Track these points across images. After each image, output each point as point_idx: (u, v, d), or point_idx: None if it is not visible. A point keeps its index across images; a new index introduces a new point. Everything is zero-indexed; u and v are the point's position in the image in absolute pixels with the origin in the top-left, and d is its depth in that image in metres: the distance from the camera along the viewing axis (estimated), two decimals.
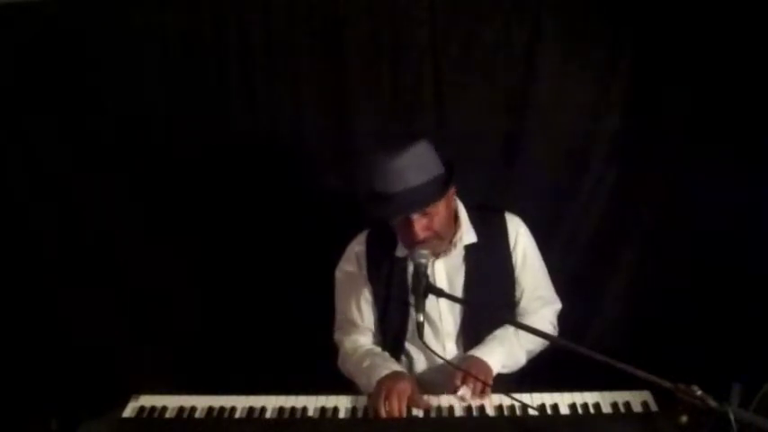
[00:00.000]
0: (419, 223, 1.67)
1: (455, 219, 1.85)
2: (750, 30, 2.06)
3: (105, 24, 2.26)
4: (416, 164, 1.66)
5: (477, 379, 1.66)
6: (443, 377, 1.83)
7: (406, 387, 1.68)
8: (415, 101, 2.26)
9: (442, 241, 1.78)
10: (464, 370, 1.68)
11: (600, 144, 2.25)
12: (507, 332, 1.86)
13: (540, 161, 2.27)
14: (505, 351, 1.81)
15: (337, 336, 2.00)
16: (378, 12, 2.21)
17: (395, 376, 1.73)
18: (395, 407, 1.63)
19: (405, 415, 1.63)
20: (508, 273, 1.88)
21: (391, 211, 1.69)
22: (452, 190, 1.76)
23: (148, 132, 2.35)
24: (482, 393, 1.67)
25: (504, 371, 1.81)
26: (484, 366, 1.73)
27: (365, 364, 1.82)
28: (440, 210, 1.71)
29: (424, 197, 1.66)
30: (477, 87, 2.23)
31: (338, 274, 1.96)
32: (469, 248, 1.85)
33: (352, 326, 1.94)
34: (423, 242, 1.69)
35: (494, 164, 2.28)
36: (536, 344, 1.90)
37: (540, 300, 1.94)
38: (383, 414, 1.63)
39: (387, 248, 1.86)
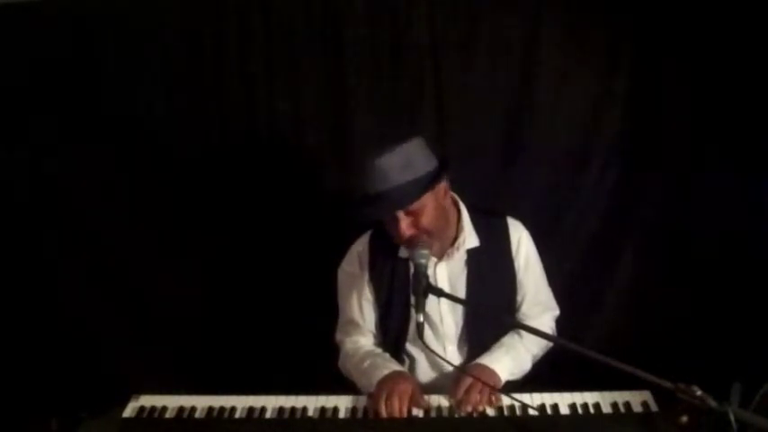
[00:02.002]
0: (404, 222, 1.66)
1: (458, 222, 1.85)
2: (750, 29, 2.06)
3: (105, 24, 2.27)
4: (402, 163, 1.65)
5: (486, 385, 1.66)
6: (445, 379, 1.84)
7: (407, 387, 1.68)
8: (415, 101, 2.26)
9: (433, 239, 1.74)
10: (472, 375, 1.68)
11: (600, 144, 2.25)
12: (513, 339, 1.86)
13: (540, 161, 2.26)
14: (512, 358, 1.81)
15: (339, 336, 2.00)
16: (378, 12, 2.21)
17: (396, 376, 1.73)
18: (395, 407, 1.63)
19: (405, 415, 1.63)
20: (510, 278, 1.87)
21: (373, 211, 1.68)
22: (441, 186, 1.73)
23: (148, 132, 2.34)
24: (489, 401, 1.67)
25: (512, 378, 1.80)
26: (492, 374, 1.73)
27: (365, 364, 1.82)
28: (426, 207, 1.68)
29: (403, 196, 1.64)
30: (477, 87, 2.23)
31: (340, 274, 1.96)
32: (472, 253, 1.84)
33: (353, 327, 1.94)
34: (410, 240, 1.68)
35: (494, 164, 2.28)
36: (540, 348, 1.91)
37: (540, 305, 1.94)
38: (383, 414, 1.63)
39: (389, 249, 1.85)
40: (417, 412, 1.66)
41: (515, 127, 2.25)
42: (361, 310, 1.91)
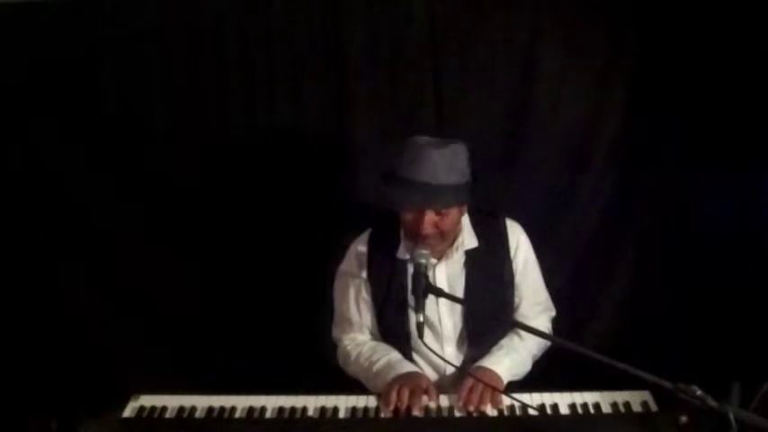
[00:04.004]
0: (429, 220, 1.68)
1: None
2: (750, 30, 2.06)
3: (105, 24, 2.27)
4: (450, 164, 1.67)
5: (488, 386, 1.66)
6: (444, 380, 1.84)
7: (421, 383, 1.69)
8: (415, 101, 2.26)
9: (443, 242, 1.78)
10: (474, 376, 1.68)
11: (600, 144, 2.25)
12: (512, 341, 1.86)
13: (540, 161, 2.27)
14: (512, 360, 1.81)
15: (335, 333, 2.01)
16: (378, 12, 2.21)
17: (412, 375, 1.74)
18: (405, 398, 1.63)
19: (414, 406, 1.64)
20: (508, 279, 1.88)
21: (413, 199, 1.68)
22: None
23: (148, 132, 2.35)
24: (493, 402, 1.66)
25: (513, 379, 1.81)
26: (494, 377, 1.73)
27: (377, 365, 1.81)
28: (452, 212, 1.72)
29: (448, 197, 1.67)
30: (477, 87, 2.23)
31: (339, 273, 1.96)
32: (470, 253, 1.85)
33: (348, 324, 1.94)
34: (426, 237, 1.69)
35: (494, 164, 2.28)
36: (539, 348, 1.91)
37: (538, 306, 1.95)
38: (392, 405, 1.63)
39: (388, 250, 1.85)
40: (417, 412, 1.66)
41: (515, 127, 2.26)
42: (359, 309, 1.91)
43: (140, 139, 2.35)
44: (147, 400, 1.74)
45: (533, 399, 1.68)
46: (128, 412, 1.71)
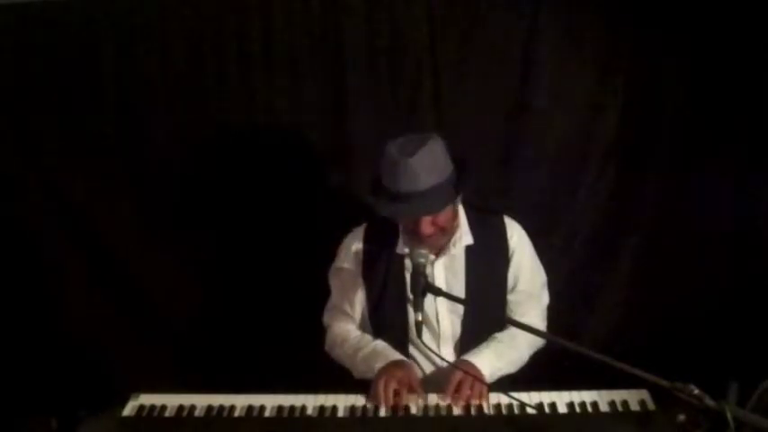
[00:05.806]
0: (426, 221, 1.68)
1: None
2: (749, 29, 2.06)
3: (105, 24, 2.27)
4: (430, 164, 1.65)
5: (475, 378, 1.66)
6: (443, 376, 1.84)
7: (405, 375, 1.70)
8: (413, 101, 2.27)
9: (444, 237, 1.77)
10: (460, 368, 1.69)
11: (598, 143, 2.25)
12: (502, 339, 1.86)
13: (538, 161, 2.27)
14: (497, 356, 1.80)
15: (326, 318, 2.02)
16: (377, 12, 2.21)
17: (399, 364, 1.75)
18: (390, 396, 1.64)
19: (402, 404, 1.65)
20: (505, 276, 1.88)
21: (402, 211, 1.68)
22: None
23: (148, 132, 2.35)
24: (480, 395, 1.67)
25: (500, 374, 1.81)
26: (475, 369, 1.73)
27: (362, 353, 1.83)
28: (446, 208, 1.71)
29: (436, 202, 1.66)
30: (476, 87, 2.23)
31: (333, 268, 1.97)
32: (467, 250, 1.85)
33: (341, 313, 1.96)
34: (429, 237, 1.69)
35: (493, 164, 2.28)
36: (532, 347, 1.90)
37: (532, 300, 1.93)
38: (381, 402, 1.64)
39: (385, 245, 1.85)
40: (416, 411, 1.66)
41: (514, 127, 2.26)
42: (352, 304, 1.92)
43: (140, 138, 2.35)
44: (147, 399, 1.75)
45: (531, 398, 1.68)
46: (127, 411, 1.71)
